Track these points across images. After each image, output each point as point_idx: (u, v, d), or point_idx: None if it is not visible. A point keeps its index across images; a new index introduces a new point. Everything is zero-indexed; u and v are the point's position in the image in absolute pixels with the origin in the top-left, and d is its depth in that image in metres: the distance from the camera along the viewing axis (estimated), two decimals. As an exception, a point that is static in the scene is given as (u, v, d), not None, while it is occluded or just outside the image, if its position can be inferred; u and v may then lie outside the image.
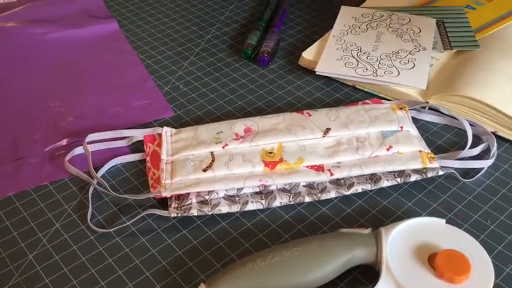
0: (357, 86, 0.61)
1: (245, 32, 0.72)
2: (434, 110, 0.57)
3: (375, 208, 0.47)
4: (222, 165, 0.48)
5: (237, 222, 0.46)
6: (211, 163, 0.48)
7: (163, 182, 0.47)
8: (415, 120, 0.56)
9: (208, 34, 0.72)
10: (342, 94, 0.61)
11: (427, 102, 0.56)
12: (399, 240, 0.41)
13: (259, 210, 0.47)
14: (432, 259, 0.39)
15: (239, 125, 0.52)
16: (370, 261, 0.40)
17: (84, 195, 0.49)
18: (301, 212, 0.47)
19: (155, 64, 0.66)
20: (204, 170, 0.48)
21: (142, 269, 0.43)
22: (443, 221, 0.43)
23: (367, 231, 0.41)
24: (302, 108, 0.59)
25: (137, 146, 0.54)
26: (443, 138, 0.55)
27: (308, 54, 0.64)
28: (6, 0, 0.78)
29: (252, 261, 0.39)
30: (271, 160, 0.49)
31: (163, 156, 0.50)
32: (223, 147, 0.50)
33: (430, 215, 0.47)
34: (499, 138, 0.54)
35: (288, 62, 0.66)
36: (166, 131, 0.53)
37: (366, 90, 0.61)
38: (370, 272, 0.41)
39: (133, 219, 0.46)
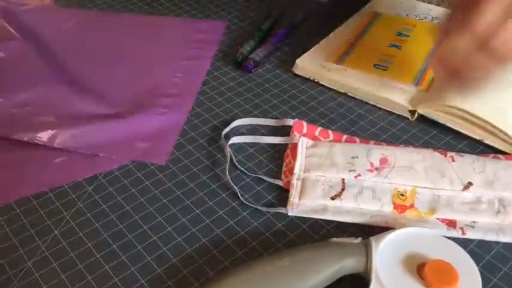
0: (349, 94, 0.62)
1: (242, 41, 0.72)
2: None
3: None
4: (350, 197, 0.48)
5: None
6: (340, 192, 0.48)
7: (291, 199, 0.48)
8: None
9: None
10: (335, 103, 0.62)
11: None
12: (389, 250, 0.42)
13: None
14: (421, 269, 0.40)
15: (376, 154, 0.51)
16: (360, 271, 0.41)
17: (82, 203, 0.50)
18: (294, 221, 0.48)
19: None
20: (332, 198, 0.48)
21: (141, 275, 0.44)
22: (433, 230, 0.44)
23: (358, 240, 0.42)
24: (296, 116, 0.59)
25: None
26: None
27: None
28: None
29: (245, 271, 0.40)
30: (401, 203, 0.47)
31: (296, 171, 0.50)
32: (355, 177, 0.49)
33: (420, 224, 0.48)
34: (487, 147, 0.55)
35: (282, 71, 0.67)
36: (303, 141, 0.53)
37: (357, 97, 0.62)
38: (359, 281, 0.42)
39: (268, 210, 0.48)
